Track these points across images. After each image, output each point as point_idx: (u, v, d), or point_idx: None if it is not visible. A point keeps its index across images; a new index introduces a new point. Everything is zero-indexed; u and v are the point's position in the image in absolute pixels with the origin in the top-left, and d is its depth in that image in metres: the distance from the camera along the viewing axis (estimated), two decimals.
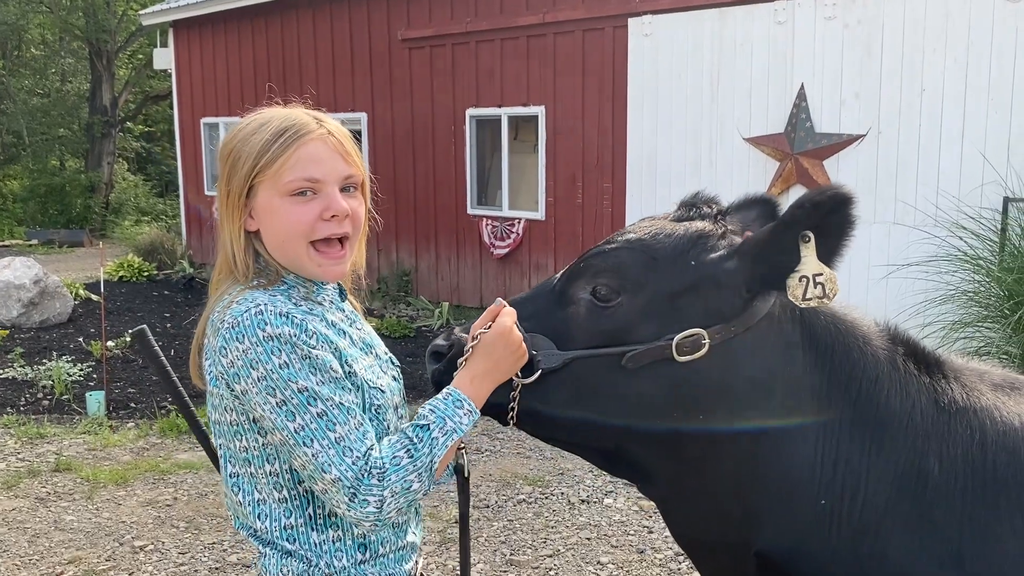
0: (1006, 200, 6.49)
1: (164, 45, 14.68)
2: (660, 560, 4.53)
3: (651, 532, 4.83)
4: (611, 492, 5.35)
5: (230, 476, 1.65)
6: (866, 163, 7.36)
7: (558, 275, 1.78)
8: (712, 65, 8.10)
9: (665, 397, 1.61)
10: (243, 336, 1.51)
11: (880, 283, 6.77)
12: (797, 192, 7.68)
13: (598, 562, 4.52)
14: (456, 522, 4.24)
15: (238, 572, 4.41)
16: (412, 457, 1.52)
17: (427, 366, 1.77)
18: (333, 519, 1.62)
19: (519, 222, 9.69)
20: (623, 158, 8.79)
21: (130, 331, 2.04)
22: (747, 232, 1.69)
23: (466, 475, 1.81)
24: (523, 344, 1.63)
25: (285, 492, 1.60)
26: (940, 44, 6.89)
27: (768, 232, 1.59)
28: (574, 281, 1.72)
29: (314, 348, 1.53)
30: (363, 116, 11.02)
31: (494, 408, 1.69)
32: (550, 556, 4.58)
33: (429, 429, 1.55)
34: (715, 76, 8.10)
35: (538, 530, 4.87)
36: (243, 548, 4.63)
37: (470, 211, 10.20)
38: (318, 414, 1.50)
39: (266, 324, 1.51)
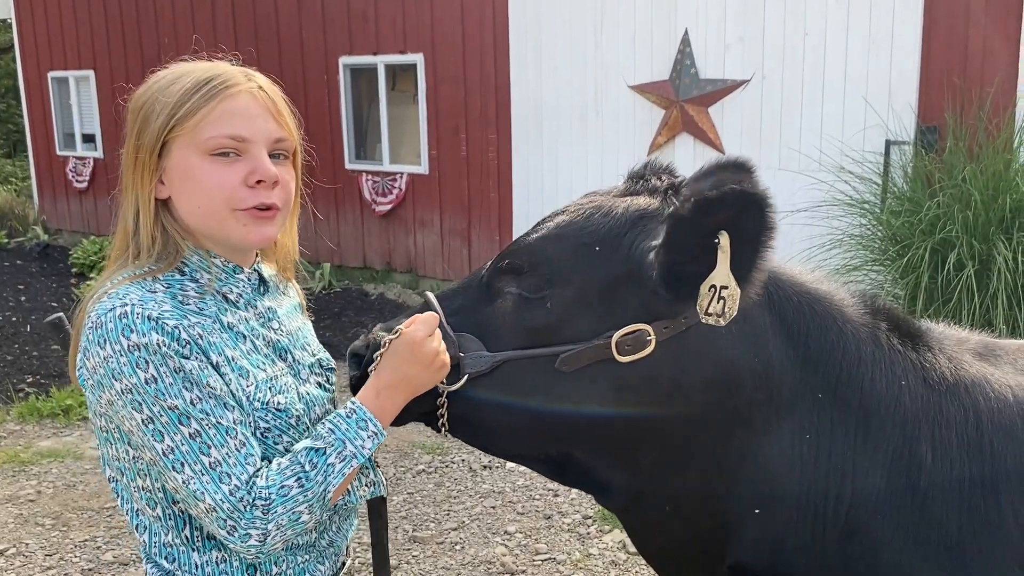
0: (888, 143, 6.56)
1: None
2: (568, 524, 4.39)
3: (557, 495, 4.69)
4: None
5: (109, 480, 1.48)
6: (751, 109, 7.32)
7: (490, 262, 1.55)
8: (596, 9, 7.88)
9: (610, 402, 1.41)
10: (104, 341, 1.31)
11: None
12: (683, 141, 7.61)
13: (505, 531, 4.34)
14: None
15: (115, 572, 4.02)
16: (303, 487, 1.33)
17: (349, 371, 1.53)
18: (215, 540, 1.45)
19: (401, 177, 9.32)
20: (507, 107, 8.51)
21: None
22: None
23: (383, 494, 1.56)
24: (440, 356, 1.41)
25: (159, 510, 1.43)
26: None
27: (665, 227, 1.39)
28: (500, 270, 1.50)
29: (187, 359, 1.31)
30: None
31: (423, 416, 1.48)
32: (455, 529, 4.37)
33: (325, 454, 1.35)
34: (599, 21, 7.89)
35: (440, 502, 4.65)
36: (119, 544, 4.23)
37: (348, 166, 9.74)
38: (190, 435, 1.30)
39: (131, 331, 1.29)
